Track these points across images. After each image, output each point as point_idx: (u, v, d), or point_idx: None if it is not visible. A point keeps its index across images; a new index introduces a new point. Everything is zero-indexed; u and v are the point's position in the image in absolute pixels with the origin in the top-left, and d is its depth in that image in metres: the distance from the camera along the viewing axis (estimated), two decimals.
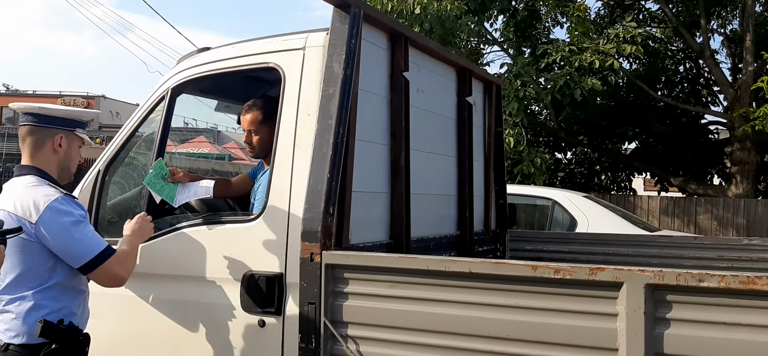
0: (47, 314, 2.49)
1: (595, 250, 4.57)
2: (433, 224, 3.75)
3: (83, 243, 2.53)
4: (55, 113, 2.74)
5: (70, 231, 2.50)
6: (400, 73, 3.28)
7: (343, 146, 2.74)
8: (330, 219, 2.65)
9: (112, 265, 2.58)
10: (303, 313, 2.65)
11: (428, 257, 2.44)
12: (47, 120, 2.71)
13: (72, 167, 2.79)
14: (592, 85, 10.10)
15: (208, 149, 25.04)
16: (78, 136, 2.79)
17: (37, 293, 2.50)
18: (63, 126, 2.73)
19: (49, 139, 2.68)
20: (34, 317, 2.47)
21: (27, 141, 2.68)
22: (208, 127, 28.18)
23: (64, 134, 2.72)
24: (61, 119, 2.74)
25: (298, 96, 2.95)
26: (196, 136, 28.87)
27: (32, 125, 2.69)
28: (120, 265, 2.62)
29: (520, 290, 2.32)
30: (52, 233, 2.47)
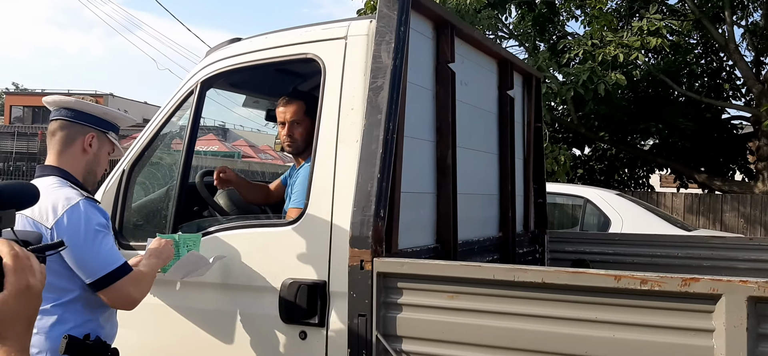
0: (72, 328, 2.27)
1: (641, 252, 4.33)
2: (476, 226, 3.52)
3: (99, 256, 2.30)
4: (92, 110, 2.54)
5: (87, 241, 2.28)
6: (446, 64, 3.05)
7: (393, 143, 2.51)
8: (381, 223, 2.42)
9: (127, 284, 2.34)
10: (352, 326, 2.42)
11: (495, 266, 2.21)
12: (82, 117, 2.51)
13: (99, 171, 2.58)
14: (616, 79, 9.82)
15: (217, 147, 24.89)
16: (110, 140, 2.58)
17: (58, 306, 2.28)
18: (97, 125, 2.54)
19: (80, 137, 2.48)
20: (58, 332, 2.25)
21: (56, 137, 2.48)
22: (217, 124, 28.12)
23: (97, 134, 2.52)
24: (96, 117, 2.54)
25: (341, 89, 2.72)
26: (205, 133, 28.74)
27: (65, 120, 2.49)
28: (135, 285, 2.38)
29: (601, 302, 2.08)
30: (67, 239, 2.24)
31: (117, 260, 2.33)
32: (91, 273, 2.27)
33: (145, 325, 3.04)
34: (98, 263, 2.28)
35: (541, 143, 4.39)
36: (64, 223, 2.25)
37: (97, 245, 2.28)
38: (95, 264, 2.28)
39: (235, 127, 35.92)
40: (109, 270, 2.28)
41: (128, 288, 2.34)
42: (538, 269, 2.14)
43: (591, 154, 14.87)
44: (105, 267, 2.28)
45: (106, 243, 2.32)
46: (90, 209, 2.32)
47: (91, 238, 2.27)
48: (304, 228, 2.72)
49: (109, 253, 2.32)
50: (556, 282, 2.11)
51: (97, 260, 2.28)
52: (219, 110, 6.21)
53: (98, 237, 2.29)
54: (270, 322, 2.75)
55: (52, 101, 2.54)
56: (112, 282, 2.28)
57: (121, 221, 3.20)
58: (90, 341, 2.29)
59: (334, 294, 2.64)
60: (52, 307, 2.27)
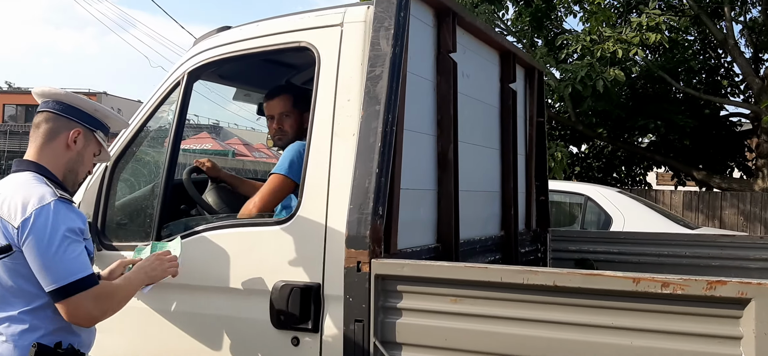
0: (42, 336, 2.10)
1: (647, 251, 4.18)
2: (478, 225, 3.36)
3: (60, 264, 2.08)
4: (81, 104, 2.37)
5: (50, 245, 2.07)
6: (448, 54, 2.89)
7: (392, 136, 2.35)
8: (379, 222, 2.26)
9: (86, 299, 2.10)
10: (348, 332, 2.26)
11: (502, 268, 2.05)
12: (70, 110, 2.34)
13: (81, 172, 2.39)
14: (614, 75, 9.68)
15: (211, 145, 24.70)
16: (97, 139, 2.41)
17: (27, 312, 2.10)
18: (84, 122, 2.36)
19: (65, 131, 2.31)
20: (27, 340, 2.08)
21: (40, 130, 2.31)
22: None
23: (83, 131, 2.35)
24: (85, 112, 2.37)
25: (336, 79, 2.56)
26: (198, 132, 28.55)
27: (51, 112, 2.32)
28: (96, 301, 2.13)
29: (617, 307, 1.93)
30: (31, 241, 2.07)
31: (80, 271, 2.11)
32: (50, 281, 2.08)
33: (128, 330, 2.87)
34: (58, 271, 2.07)
35: (544, 139, 4.23)
36: (30, 223, 2.07)
37: (61, 251, 2.08)
38: (55, 272, 2.07)
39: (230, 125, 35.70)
40: (69, 281, 2.07)
41: (87, 303, 2.11)
42: (550, 271, 1.98)
43: (588, 151, 14.73)
44: (65, 277, 2.07)
45: (72, 251, 2.11)
46: (62, 212, 2.13)
47: (56, 243, 2.07)
48: (297, 227, 2.56)
49: (73, 262, 2.10)
50: (569, 285, 1.95)
51: (58, 268, 2.07)
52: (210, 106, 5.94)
53: (64, 243, 2.09)
54: (260, 327, 2.58)
55: (41, 92, 2.36)
56: (69, 294, 2.07)
57: (103, 220, 3.02)
58: (61, 349, 2.11)
59: (328, 298, 2.47)
60: (20, 313, 2.10)
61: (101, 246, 2.97)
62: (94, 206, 3.03)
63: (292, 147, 2.88)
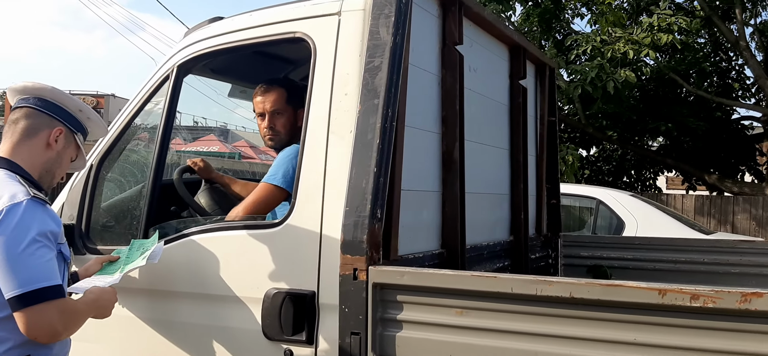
0: (10, 349, 1.91)
1: (663, 257, 3.97)
2: (485, 229, 3.17)
3: (25, 268, 1.88)
4: (67, 102, 2.21)
5: (15, 247, 1.88)
6: (454, 46, 2.70)
7: (392, 133, 2.16)
8: (377, 225, 2.08)
9: (52, 310, 1.90)
10: (344, 345, 2.07)
11: (513, 277, 1.86)
12: (53, 108, 2.18)
13: (58, 174, 2.23)
14: (625, 77, 9.47)
15: (218, 147, 24.60)
16: (76, 142, 2.25)
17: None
18: (67, 122, 2.21)
19: (46, 129, 2.15)
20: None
21: (18, 126, 2.14)
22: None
23: (65, 131, 2.19)
24: (69, 112, 2.22)
25: (333, 71, 2.37)
26: (205, 133, 28.47)
27: (32, 108, 2.16)
28: (62, 315, 1.94)
29: (641, 321, 1.73)
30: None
31: (48, 279, 1.92)
32: (12, 286, 1.87)
33: (110, 339, 2.70)
34: (22, 276, 1.88)
35: (556, 139, 4.04)
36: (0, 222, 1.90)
37: (28, 255, 1.89)
38: (19, 277, 1.88)
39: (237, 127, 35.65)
40: (33, 288, 1.88)
41: (52, 314, 1.92)
42: (566, 281, 1.79)
43: (598, 154, 14.51)
44: (29, 283, 1.88)
45: (41, 256, 1.92)
46: (34, 212, 1.95)
47: (24, 245, 1.89)
48: (290, 231, 2.37)
49: (41, 268, 1.91)
50: (587, 297, 1.76)
51: (23, 272, 1.88)
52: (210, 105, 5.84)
53: (32, 246, 1.90)
54: (251, 338, 2.40)
55: (23, 87, 2.20)
56: (34, 301, 1.88)
57: (88, 221, 2.85)
58: None
59: (324, 307, 2.29)
60: None
61: (85, 249, 2.80)
62: (78, 207, 2.85)
63: (286, 154, 2.69)
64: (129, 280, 2.63)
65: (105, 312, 2.21)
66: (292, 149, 2.67)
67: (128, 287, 2.65)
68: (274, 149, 2.90)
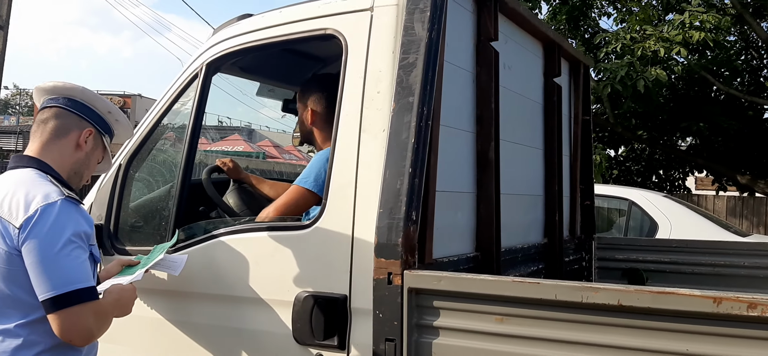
0: (39, 353, 1.88)
1: (702, 261, 3.85)
2: (520, 231, 3.08)
3: (62, 269, 1.85)
4: (97, 103, 2.18)
5: (50, 247, 1.85)
6: (489, 42, 2.62)
7: (427, 132, 2.09)
8: (412, 228, 2.00)
9: (88, 313, 1.88)
10: (378, 352, 2.00)
11: (557, 284, 1.77)
12: (83, 109, 2.15)
13: (86, 175, 2.20)
14: (656, 75, 9.26)
15: (243, 148, 24.73)
16: (104, 144, 2.22)
17: (24, 325, 1.89)
18: (96, 123, 2.17)
19: (77, 130, 2.12)
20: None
21: (48, 126, 2.11)
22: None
23: (95, 132, 2.16)
24: (99, 113, 2.19)
25: (365, 68, 2.31)
26: (229, 133, 28.64)
27: (62, 109, 2.13)
28: (96, 318, 1.92)
29: (694, 331, 1.64)
30: (32, 242, 1.84)
31: (83, 280, 1.88)
32: (47, 287, 1.84)
33: (139, 341, 2.67)
34: (58, 277, 1.84)
35: (590, 139, 3.93)
36: (32, 222, 1.86)
37: (64, 256, 1.85)
38: (54, 278, 1.84)
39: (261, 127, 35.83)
40: (71, 289, 1.84)
41: (89, 317, 1.88)
42: (614, 288, 1.70)
43: (626, 154, 14.26)
44: (65, 284, 1.84)
45: (76, 257, 1.89)
46: (68, 212, 1.91)
47: (59, 246, 1.85)
48: (320, 233, 2.31)
49: (76, 269, 1.88)
50: (636, 305, 1.67)
51: (58, 274, 1.84)
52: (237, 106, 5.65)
53: (67, 248, 1.87)
54: (281, 342, 2.34)
55: (51, 87, 2.17)
56: (71, 303, 1.84)
57: (116, 222, 2.82)
58: None
59: (356, 311, 2.22)
60: (16, 327, 1.88)
61: (113, 250, 2.77)
62: (107, 207, 2.82)
63: (320, 157, 2.64)
64: (154, 281, 2.60)
65: (126, 310, 2.18)
66: (325, 152, 2.61)
67: (154, 288, 2.61)
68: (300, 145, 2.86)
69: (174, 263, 2.42)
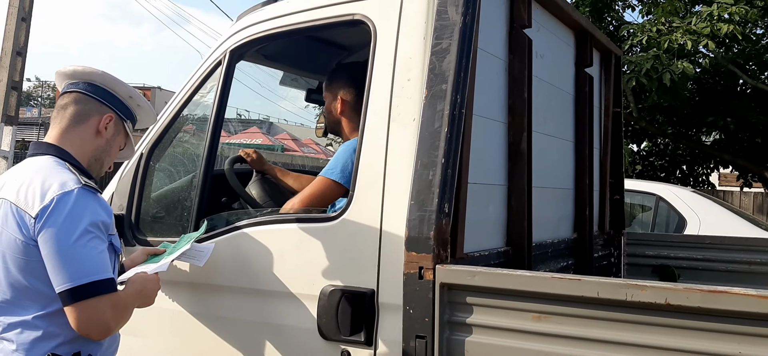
0: (59, 345, 1.83)
1: (736, 258, 3.73)
2: (550, 226, 2.98)
3: (80, 260, 1.79)
4: (117, 88, 2.12)
5: (66, 237, 1.79)
6: (522, 29, 2.53)
7: (460, 121, 2.00)
8: (445, 221, 1.92)
9: (106, 305, 1.82)
10: (408, 349, 1.92)
11: (599, 281, 1.68)
12: (104, 94, 2.09)
13: (107, 163, 2.14)
14: (683, 68, 9.07)
15: (261, 140, 24.78)
16: (126, 130, 2.15)
17: (43, 317, 1.83)
18: (117, 108, 2.11)
19: (97, 116, 2.06)
20: (41, 350, 1.81)
21: (67, 111, 2.05)
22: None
23: (115, 118, 2.09)
24: (119, 99, 2.12)
25: (395, 55, 2.22)
26: (248, 126, 28.71)
27: (82, 94, 2.07)
28: (115, 311, 1.86)
29: (747, 332, 1.54)
30: (48, 232, 1.79)
31: (102, 272, 1.82)
32: (64, 279, 1.78)
33: (162, 334, 2.62)
34: (75, 268, 1.78)
35: (620, 132, 3.81)
36: (48, 211, 1.80)
37: (80, 246, 1.79)
38: (71, 269, 1.78)
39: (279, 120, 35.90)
40: (89, 281, 1.78)
41: (107, 310, 1.82)
42: (661, 286, 1.60)
43: (650, 149, 14.03)
44: (82, 276, 1.78)
45: (93, 247, 1.83)
46: (85, 201, 1.85)
47: (76, 236, 1.79)
48: (348, 226, 2.24)
49: (93, 260, 1.82)
50: (685, 305, 1.57)
51: (75, 265, 1.78)
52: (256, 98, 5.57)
53: (85, 238, 1.80)
54: (306, 337, 2.28)
55: (72, 71, 2.11)
56: (89, 295, 1.78)
57: (137, 212, 2.77)
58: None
59: (384, 307, 2.14)
60: (34, 318, 1.83)
61: (135, 241, 2.72)
62: (128, 197, 2.77)
63: (346, 147, 2.56)
64: (177, 273, 2.55)
65: (148, 300, 2.11)
66: (352, 142, 2.53)
67: (176, 280, 2.56)
68: (337, 136, 2.78)
69: (200, 253, 2.36)
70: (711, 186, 14.36)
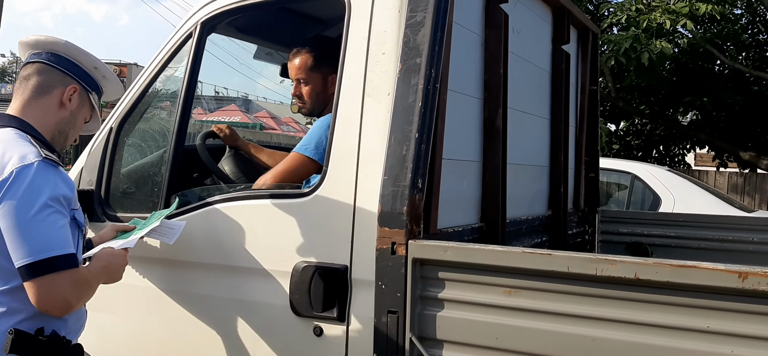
0: (22, 321, 1.78)
1: (708, 235, 3.76)
2: (524, 203, 2.98)
3: (38, 235, 1.74)
4: (82, 58, 2.04)
5: (25, 211, 1.73)
6: (498, 4, 2.50)
7: (434, 96, 1.98)
8: (418, 196, 1.90)
9: (65, 281, 1.76)
10: (379, 325, 1.92)
11: (569, 255, 1.68)
12: (67, 64, 2.02)
13: (71, 135, 2.06)
14: (661, 48, 9.11)
15: (240, 118, 24.55)
16: (91, 102, 2.08)
17: (4, 293, 1.78)
18: (81, 79, 2.04)
19: (60, 87, 1.99)
20: (3, 325, 1.76)
21: (30, 82, 1.98)
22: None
23: (80, 89, 2.02)
24: (83, 69, 2.05)
25: (369, 28, 2.19)
26: (226, 104, 28.42)
27: (45, 64, 2.00)
28: (75, 287, 1.79)
29: (716, 307, 1.55)
30: (6, 206, 1.73)
31: (61, 247, 1.77)
32: (22, 254, 1.73)
33: (132, 311, 2.58)
34: (34, 243, 1.73)
35: (596, 110, 3.82)
36: (6, 184, 1.74)
37: (39, 220, 1.74)
38: (29, 244, 1.73)
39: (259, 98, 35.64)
40: (45, 256, 1.73)
41: (66, 285, 1.77)
42: (631, 261, 1.60)
43: (627, 129, 14.14)
44: (41, 251, 1.73)
45: (53, 222, 1.77)
46: (46, 175, 1.79)
47: (35, 210, 1.74)
48: (321, 201, 2.21)
49: (53, 235, 1.76)
50: (655, 279, 1.57)
51: (34, 239, 1.73)
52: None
53: (44, 212, 1.75)
54: (278, 313, 2.26)
55: (34, 41, 2.03)
56: (46, 271, 1.73)
57: (107, 188, 2.71)
58: (44, 336, 1.80)
59: (357, 283, 2.13)
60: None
61: (105, 217, 2.67)
62: (98, 172, 2.72)
63: (321, 124, 2.53)
64: (148, 249, 2.51)
65: (115, 276, 2.05)
66: (327, 118, 2.50)
67: (146, 256, 2.52)
68: (306, 115, 2.74)
69: (170, 230, 2.32)
70: (687, 166, 14.54)
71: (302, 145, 2.51)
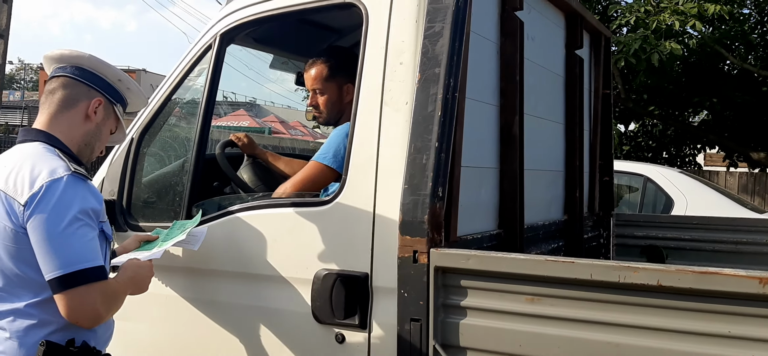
0: (52, 332, 1.82)
1: (724, 238, 3.77)
2: (541, 208, 3.00)
3: (68, 248, 1.77)
4: (106, 71, 2.08)
5: (55, 225, 1.77)
6: (514, 12, 2.53)
7: (453, 104, 2.01)
8: (439, 205, 1.93)
9: (95, 293, 1.80)
10: (402, 332, 1.94)
11: (592, 263, 1.70)
12: (92, 78, 2.05)
13: (98, 148, 2.11)
14: (671, 49, 9.10)
15: (248, 123, 24.64)
16: (116, 114, 2.12)
17: (35, 305, 1.82)
18: (106, 92, 2.08)
19: (85, 100, 2.02)
20: (35, 337, 1.80)
21: (55, 96, 2.01)
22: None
23: (105, 101, 2.06)
24: (108, 82, 2.09)
25: (387, 38, 2.22)
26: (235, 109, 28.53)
27: (70, 78, 2.03)
28: (104, 299, 1.83)
29: (737, 312, 1.57)
30: (37, 219, 1.77)
31: (91, 260, 1.81)
32: (53, 267, 1.76)
33: (156, 319, 2.62)
34: (64, 256, 1.76)
35: (610, 114, 3.83)
36: (37, 198, 1.78)
37: (70, 233, 1.78)
38: (60, 257, 1.76)
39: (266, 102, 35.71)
40: (78, 269, 1.77)
41: (96, 297, 1.81)
42: (653, 268, 1.62)
43: (637, 130, 14.11)
44: (72, 264, 1.76)
45: (83, 235, 1.81)
46: (75, 188, 1.83)
47: (65, 223, 1.77)
48: (341, 210, 2.24)
49: (83, 248, 1.80)
50: (677, 286, 1.59)
51: (65, 252, 1.77)
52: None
53: (74, 225, 1.79)
54: (300, 320, 2.29)
55: (59, 55, 2.07)
56: (78, 283, 1.76)
57: (129, 197, 2.75)
58: (74, 348, 1.83)
59: (378, 290, 2.16)
60: (26, 306, 1.81)
61: (127, 226, 2.71)
62: (119, 183, 2.76)
63: (339, 132, 2.56)
64: (171, 258, 2.54)
65: (142, 287, 2.10)
66: (345, 126, 2.53)
67: (170, 265, 2.55)
68: (324, 125, 2.78)
69: (193, 237, 2.35)
70: (697, 167, 14.49)
71: (321, 154, 2.54)
